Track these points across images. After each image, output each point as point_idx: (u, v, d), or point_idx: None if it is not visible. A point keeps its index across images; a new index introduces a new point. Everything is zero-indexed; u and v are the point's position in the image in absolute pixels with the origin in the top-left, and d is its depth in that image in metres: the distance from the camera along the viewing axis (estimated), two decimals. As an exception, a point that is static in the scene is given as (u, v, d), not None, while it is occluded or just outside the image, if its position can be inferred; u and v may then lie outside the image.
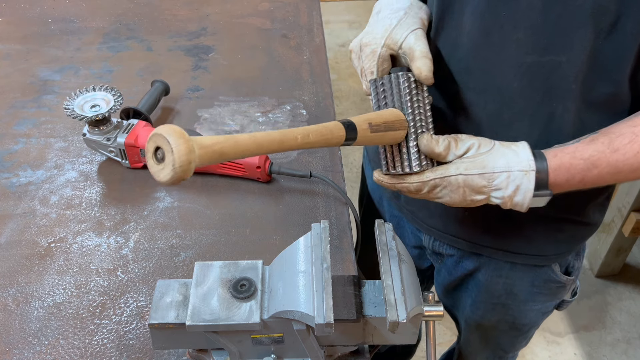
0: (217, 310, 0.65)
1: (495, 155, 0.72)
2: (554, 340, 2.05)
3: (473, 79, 0.79)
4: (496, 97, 0.78)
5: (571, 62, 0.71)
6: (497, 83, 0.76)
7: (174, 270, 0.92)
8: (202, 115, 1.23)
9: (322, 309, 0.62)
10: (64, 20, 1.56)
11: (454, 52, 0.79)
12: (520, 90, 0.75)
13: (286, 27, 1.55)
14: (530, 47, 0.72)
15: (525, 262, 0.95)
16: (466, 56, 0.78)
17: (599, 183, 0.74)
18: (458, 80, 0.80)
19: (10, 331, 0.83)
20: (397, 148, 0.77)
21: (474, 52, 0.77)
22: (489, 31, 0.74)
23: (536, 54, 0.72)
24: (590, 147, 0.71)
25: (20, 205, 1.02)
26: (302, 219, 1.00)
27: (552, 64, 0.72)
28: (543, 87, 0.74)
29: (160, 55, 1.43)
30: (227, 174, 1.06)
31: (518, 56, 0.73)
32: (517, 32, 0.72)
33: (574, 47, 0.70)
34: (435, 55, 0.80)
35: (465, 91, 0.80)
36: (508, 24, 0.72)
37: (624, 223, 2.02)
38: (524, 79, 0.74)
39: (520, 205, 0.72)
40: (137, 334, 0.83)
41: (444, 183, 0.73)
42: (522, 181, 0.70)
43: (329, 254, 0.67)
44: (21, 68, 1.37)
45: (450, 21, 0.78)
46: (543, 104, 0.75)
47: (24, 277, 0.90)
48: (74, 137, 1.17)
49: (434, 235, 1.01)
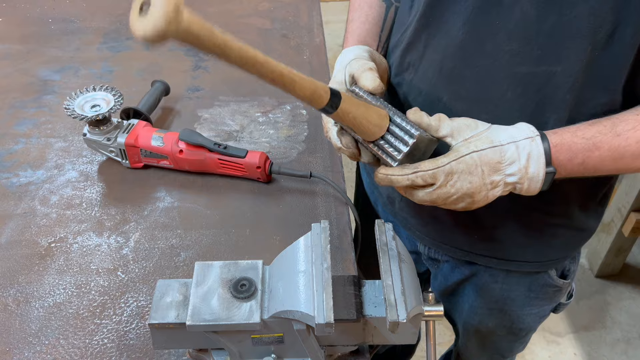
0: (217, 310, 0.65)
1: (497, 130, 0.70)
2: (554, 340, 2.05)
3: (465, 88, 0.77)
4: (489, 107, 0.76)
5: (566, 72, 0.70)
6: (489, 93, 0.75)
7: (174, 270, 0.92)
8: (202, 115, 1.23)
9: (322, 309, 0.62)
10: (64, 20, 1.56)
11: (445, 60, 0.78)
12: (514, 100, 0.74)
13: (286, 27, 1.55)
14: (524, 57, 0.71)
15: (520, 269, 0.94)
16: (458, 65, 0.76)
17: (600, 169, 0.71)
18: (449, 90, 0.79)
19: (10, 331, 0.83)
20: (384, 139, 0.73)
21: (466, 61, 0.75)
22: (482, 41, 0.73)
23: (530, 64, 0.71)
24: (593, 128, 0.70)
25: (21, 205, 1.02)
26: (302, 219, 1.00)
27: (546, 74, 0.71)
28: (536, 98, 0.73)
29: (160, 55, 1.43)
30: (227, 174, 1.06)
31: (512, 66, 0.72)
32: (510, 42, 0.71)
33: (569, 57, 0.69)
34: (424, 63, 0.80)
35: (456, 101, 0.79)
36: (502, 33, 0.71)
37: (623, 223, 2.02)
38: (517, 89, 0.73)
39: (536, 178, 0.69)
40: (137, 334, 0.83)
41: (460, 166, 0.69)
42: (531, 148, 0.68)
43: (329, 254, 0.67)
44: (21, 68, 1.37)
45: (440, 29, 0.77)
46: (536, 114, 0.74)
47: (24, 277, 0.90)
48: (74, 137, 1.17)
49: (428, 243, 1.01)
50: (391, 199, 1.01)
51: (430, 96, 0.81)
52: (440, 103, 0.80)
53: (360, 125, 0.71)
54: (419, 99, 0.83)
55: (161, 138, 1.06)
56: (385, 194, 1.03)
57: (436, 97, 0.80)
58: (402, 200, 0.98)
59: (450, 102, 0.79)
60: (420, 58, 0.81)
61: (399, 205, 1.00)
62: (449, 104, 0.79)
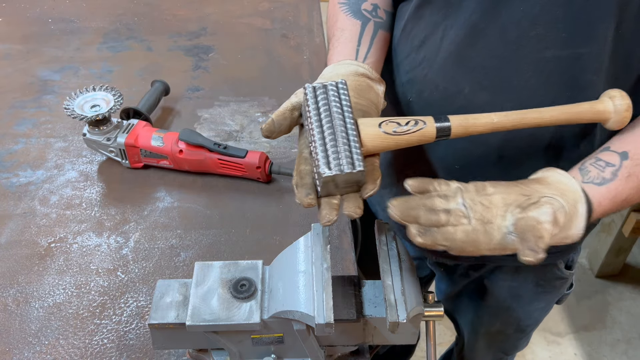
0: (217, 310, 0.65)
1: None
2: (554, 340, 2.05)
3: (488, 78, 0.75)
4: (512, 95, 0.74)
5: (592, 54, 0.69)
6: (513, 81, 0.74)
7: (174, 270, 0.92)
8: (202, 115, 1.23)
9: (322, 309, 0.62)
10: (64, 20, 1.56)
11: (465, 51, 0.76)
12: (538, 86, 0.73)
13: (286, 27, 1.55)
14: (549, 41, 0.69)
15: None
16: (479, 55, 0.75)
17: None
18: (470, 81, 0.77)
19: (10, 331, 0.83)
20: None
21: (488, 50, 0.74)
22: (505, 28, 0.71)
23: (556, 48, 0.70)
24: (627, 186, 0.69)
25: (20, 205, 1.02)
26: (302, 219, 1.00)
27: (572, 57, 0.70)
28: (561, 82, 0.72)
29: (160, 55, 1.43)
30: (227, 174, 1.06)
31: (537, 52, 0.71)
32: (536, 27, 0.69)
33: (597, 39, 0.68)
34: (440, 56, 0.78)
35: (478, 92, 0.77)
36: (525, 19, 0.69)
37: (624, 223, 2.02)
38: (542, 75, 0.72)
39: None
40: (137, 334, 0.83)
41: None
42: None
43: (329, 254, 0.67)
44: (21, 68, 1.37)
45: (458, 20, 0.75)
46: (560, 98, 0.73)
47: (24, 277, 0.90)
48: (74, 137, 1.17)
49: (436, 253, 1.00)
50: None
51: (448, 90, 0.79)
52: (460, 95, 0.78)
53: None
54: (435, 93, 0.80)
55: (161, 138, 1.05)
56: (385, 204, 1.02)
57: (456, 90, 0.78)
58: None
59: (472, 94, 0.77)
60: (437, 50, 0.79)
61: None
62: (470, 96, 0.77)
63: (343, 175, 0.61)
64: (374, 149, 0.66)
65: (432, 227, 0.59)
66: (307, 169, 0.66)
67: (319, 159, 0.62)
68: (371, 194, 0.63)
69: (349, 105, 0.65)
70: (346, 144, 0.62)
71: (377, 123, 0.66)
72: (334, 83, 0.67)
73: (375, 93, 0.76)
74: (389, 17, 0.87)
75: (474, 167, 0.83)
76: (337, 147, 0.62)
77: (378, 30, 0.85)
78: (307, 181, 0.65)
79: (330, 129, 0.63)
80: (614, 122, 0.70)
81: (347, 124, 0.64)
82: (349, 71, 0.76)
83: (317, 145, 0.63)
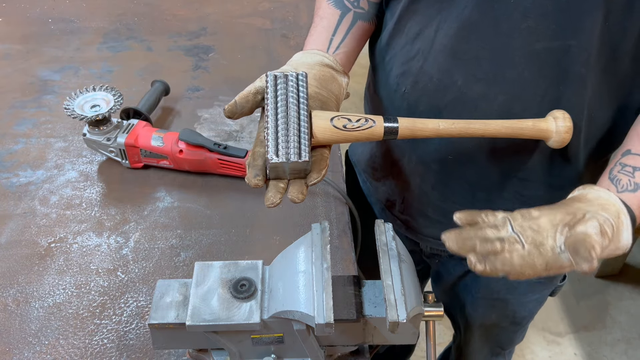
0: (217, 310, 0.65)
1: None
2: (554, 340, 2.05)
3: (481, 70, 0.77)
4: (505, 87, 0.76)
5: (581, 46, 0.71)
6: (506, 73, 0.75)
7: (174, 270, 0.92)
8: (202, 115, 1.23)
9: (322, 309, 0.62)
10: (64, 20, 1.56)
11: (458, 44, 0.77)
12: (530, 78, 0.75)
13: (286, 27, 1.55)
14: (540, 33, 0.71)
15: None
16: (473, 47, 0.76)
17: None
18: (464, 73, 0.79)
19: (10, 331, 0.83)
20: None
21: (481, 42, 0.75)
22: (498, 20, 0.73)
23: (546, 39, 0.71)
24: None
25: (20, 205, 1.02)
26: (302, 219, 1.00)
27: (562, 49, 0.71)
28: (552, 74, 0.74)
29: (160, 55, 1.43)
30: (227, 174, 1.06)
31: (528, 43, 0.72)
32: (527, 20, 0.71)
33: (584, 31, 0.69)
34: (435, 48, 0.79)
35: (472, 83, 0.78)
36: (517, 11, 0.71)
37: (624, 223, 2.01)
38: (534, 67, 0.74)
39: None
40: (137, 334, 0.83)
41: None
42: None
43: (329, 254, 0.67)
44: (21, 68, 1.37)
45: (452, 13, 0.76)
46: (551, 89, 0.75)
47: (24, 277, 0.90)
48: (74, 137, 1.17)
49: (431, 243, 1.01)
50: (391, 202, 1.01)
51: (442, 81, 0.80)
52: (454, 87, 0.80)
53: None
54: (430, 85, 0.82)
55: (161, 138, 1.05)
56: (385, 197, 1.03)
57: (450, 82, 0.80)
58: (402, 203, 0.98)
59: (466, 86, 0.79)
60: (431, 43, 0.80)
61: (399, 207, 1.00)
62: (464, 88, 0.79)
63: (289, 163, 0.65)
64: (324, 141, 0.69)
65: (490, 256, 0.62)
66: (261, 151, 0.68)
67: (270, 145, 0.65)
68: (315, 182, 0.67)
69: (306, 97, 0.68)
70: (296, 134, 0.66)
71: (329, 117, 0.69)
72: (295, 74, 0.69)
73: (338, 84, 0.80)
74: (373, 8, 0.89)
75: (467, 157, 0.85)
76: (287, 136, 0.66)
77: (357, 20, 0.87)
78: (259, 163, 0.68)
79: (284, 118, 0.67)
80: (554, 141, 0.74)
81: (301, 115, 0.67)
82: (315, 61, 0.80)
83: (270, 132, 0.66)
